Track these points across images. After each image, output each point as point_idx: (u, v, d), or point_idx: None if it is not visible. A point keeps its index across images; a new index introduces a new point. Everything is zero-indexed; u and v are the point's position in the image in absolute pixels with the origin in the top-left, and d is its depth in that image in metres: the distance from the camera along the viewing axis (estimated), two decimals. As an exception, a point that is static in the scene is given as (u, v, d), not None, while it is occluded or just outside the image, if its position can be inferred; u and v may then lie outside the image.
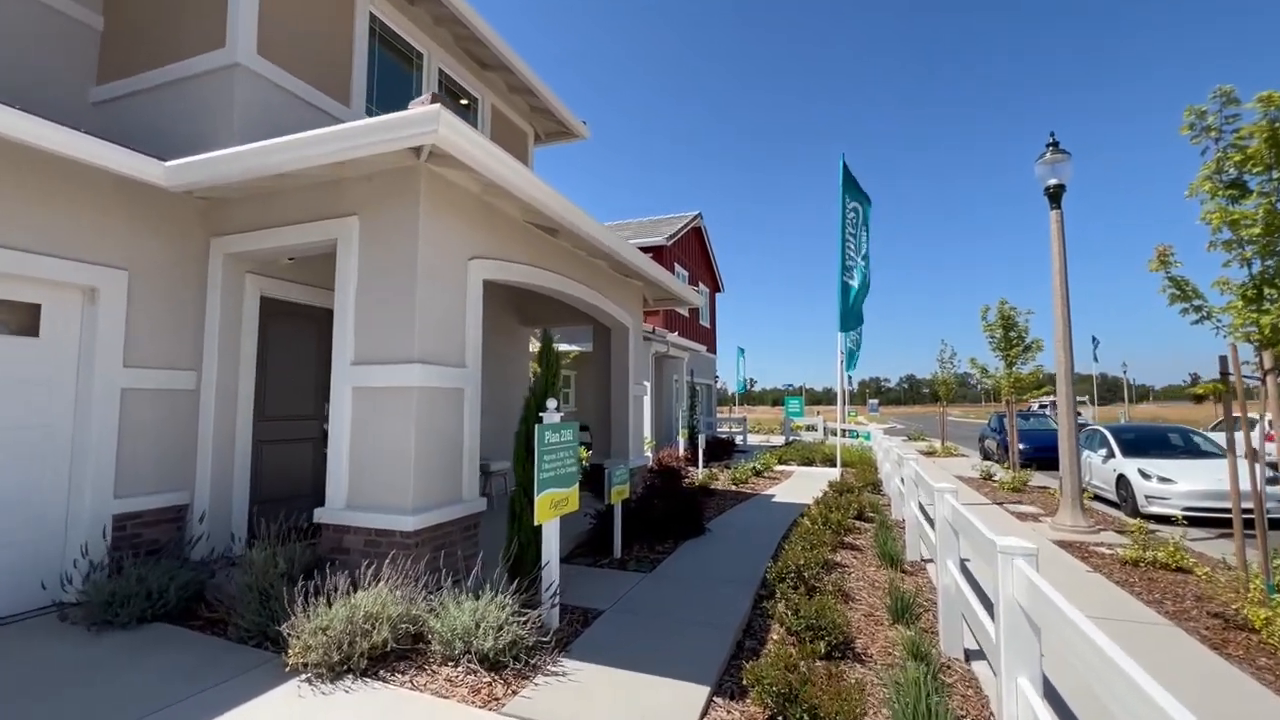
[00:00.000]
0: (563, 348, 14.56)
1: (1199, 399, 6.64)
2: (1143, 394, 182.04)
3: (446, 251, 4.92)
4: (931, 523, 5.36)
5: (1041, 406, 30.58)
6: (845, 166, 11.84)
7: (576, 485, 4.71)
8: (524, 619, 3.85)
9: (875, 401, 65.82)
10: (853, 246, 11.86)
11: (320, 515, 4.61)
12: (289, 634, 3.59)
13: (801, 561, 5.12)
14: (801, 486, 11.99)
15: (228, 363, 5.36)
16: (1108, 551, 7.25)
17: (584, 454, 12.90)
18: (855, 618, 4.76)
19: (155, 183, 4.53)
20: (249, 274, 5.54)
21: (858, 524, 8.24)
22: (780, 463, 15.77)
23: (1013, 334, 13.57)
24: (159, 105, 5.75)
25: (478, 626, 3.74)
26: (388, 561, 4.13)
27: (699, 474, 12.66)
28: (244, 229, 5.26)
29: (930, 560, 6.60)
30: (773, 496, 10.86)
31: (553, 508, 4.35)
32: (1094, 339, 38.86)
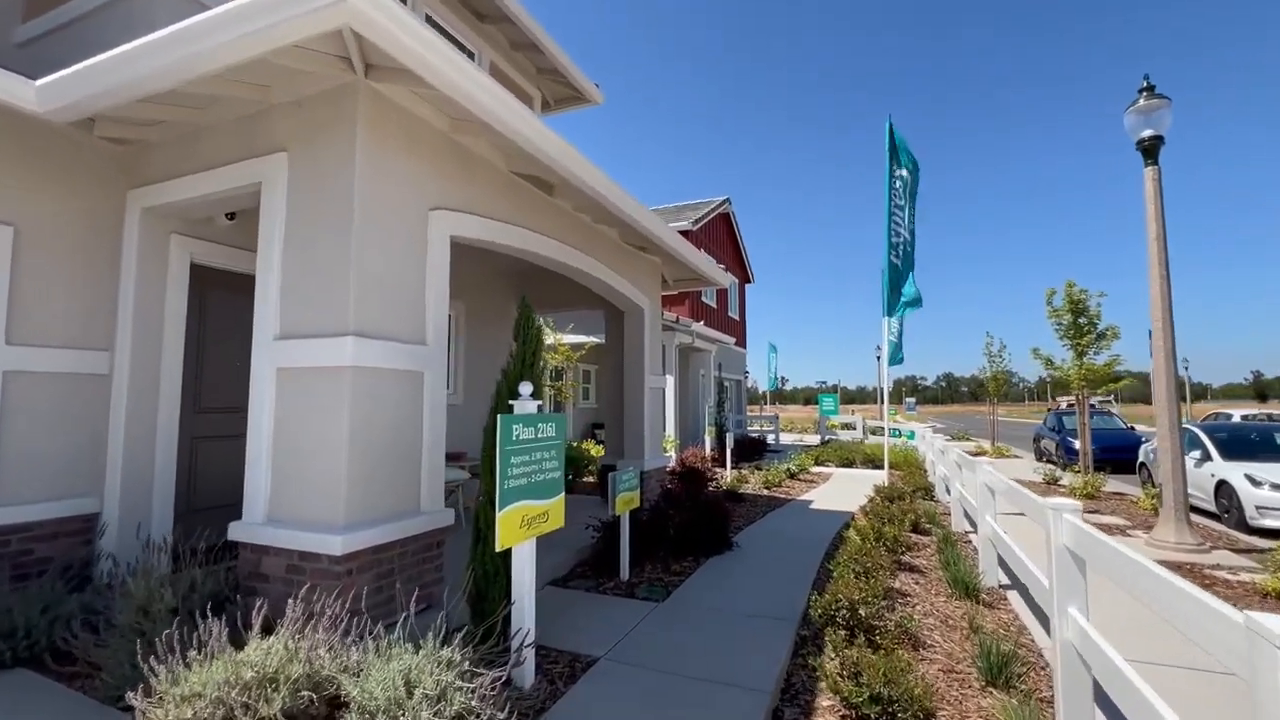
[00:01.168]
0: (577, 339, 13.54)
1: (1262, 396, 5.22)
2: (1199, 393, 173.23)
3: (398, 197, 3.88)
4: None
5: (1103, 402, 28.27)
6: (891, 130, 10.50)
7: (560, 496, 3.64)
8: (478, 681, 2.77)
9: (913, 400, 63.27)
10: (900, 220, 10.50)
11: (235, 531, 3.61)
12: (144, 705, 2.57)
13: (856, 595, 3.94)
14: (843, 491, 10.69)
15: (147, 342, 4.42)
16: (1232, 578, 5.84)
17: (596, 451, 11.85)
18: (931, 674, 3.56)
19: (27, 109, 3.59)
20: (175, 235, 4.59)
21: (914, 538, 6.97)
22: (817, 463, 14.45)
23: (1083, 320, 12.00)
24: (81, 39, 4.85)
25: (410, 693, 2.68)
26: (306, 594, 3.09)
27: (727, 476, 11.48)
28: (163, 178, 4.32)
29: (1010, 587, 5.33)
30: (811, 503, 9.61)
31: (524, 526, 3.27)
32: (1150, 333, 36.16)
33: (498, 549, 3.15)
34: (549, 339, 13.07)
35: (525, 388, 3.47)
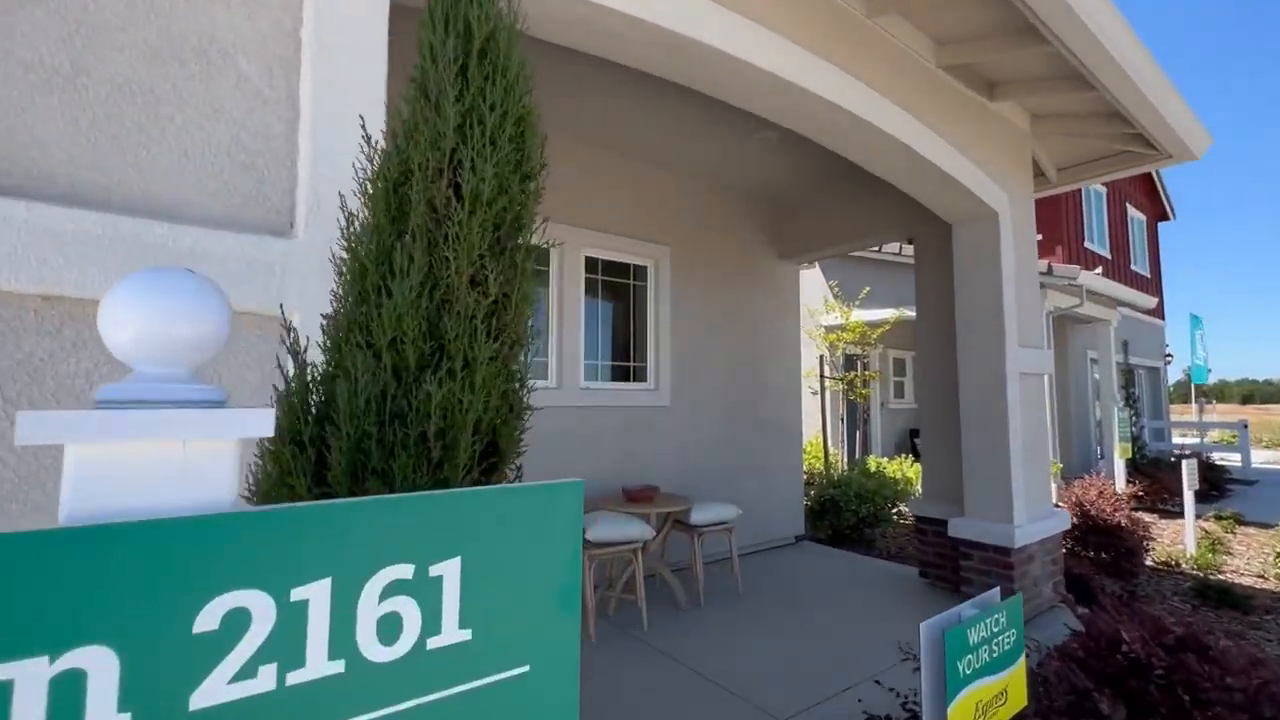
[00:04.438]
0: (875, 314, 9.50)
1: None
2: None
3: None
4: None
5: None
6: None
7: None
8: None
9: None
10: None
11: None
12: None
13: None
14: None
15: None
16: None
17: (913, 473, 7.77)
18: None
19: None
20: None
21: None
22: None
23: None
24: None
25: None
26: None
27: (1187, 544, 6.18)
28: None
29: None
30: None
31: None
32: None
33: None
34: (829, 315, 9.40)
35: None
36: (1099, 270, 10.12)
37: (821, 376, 8.59)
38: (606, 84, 3.69)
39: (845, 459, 9.39)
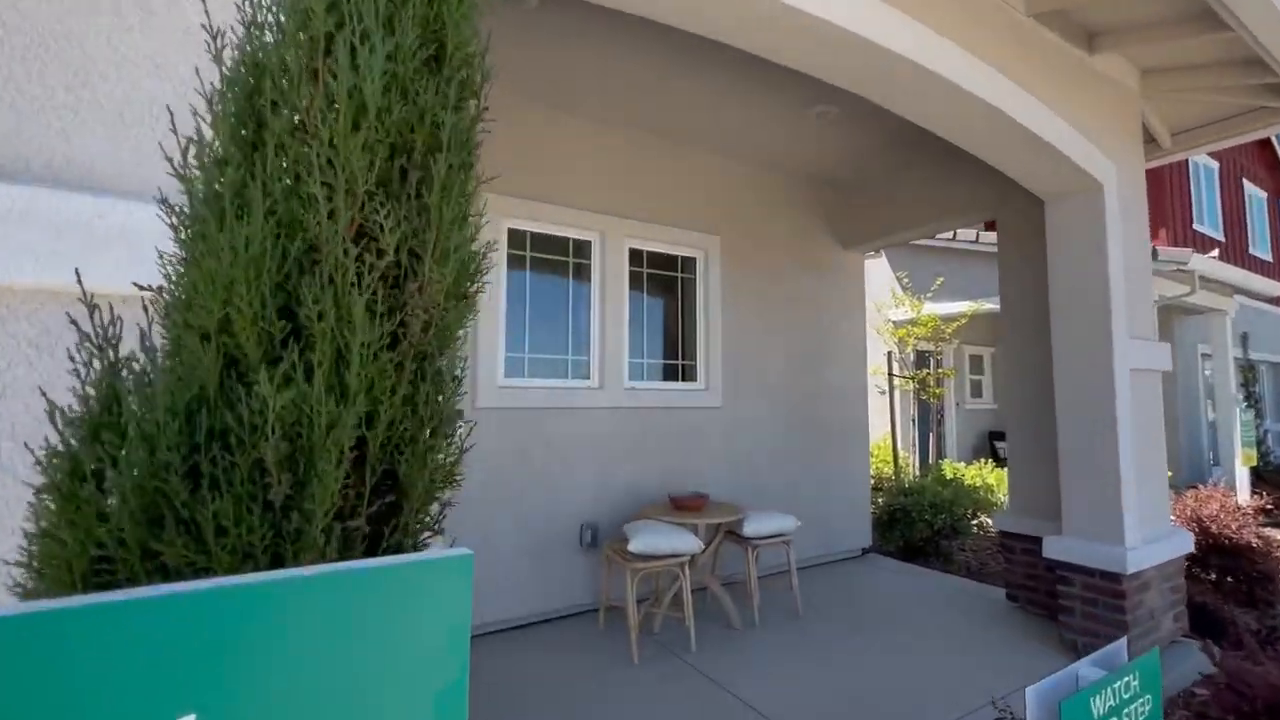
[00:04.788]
0: (950, 307, 8.78)
1: None
2: None
3: None
4: None
5: None
6: None
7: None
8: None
9: None
10: None
11: None
12: None
13: None
14: None
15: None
16: None
17: (995, 480, 7.12)
18: None
19: None
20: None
21: None
22: None
23: None
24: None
25: None
26: None
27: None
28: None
29: None
30: None
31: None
32: None
33: None
34: (898, 309, 8.76)
35: None
36: (1215, 254, 8.97)
37: (890, 374, 7.99)
38: (643, 57, 3.41)
39: (916, 463, 8.72)
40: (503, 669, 3.12)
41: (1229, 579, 4.72)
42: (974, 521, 5.96)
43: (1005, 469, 7.97)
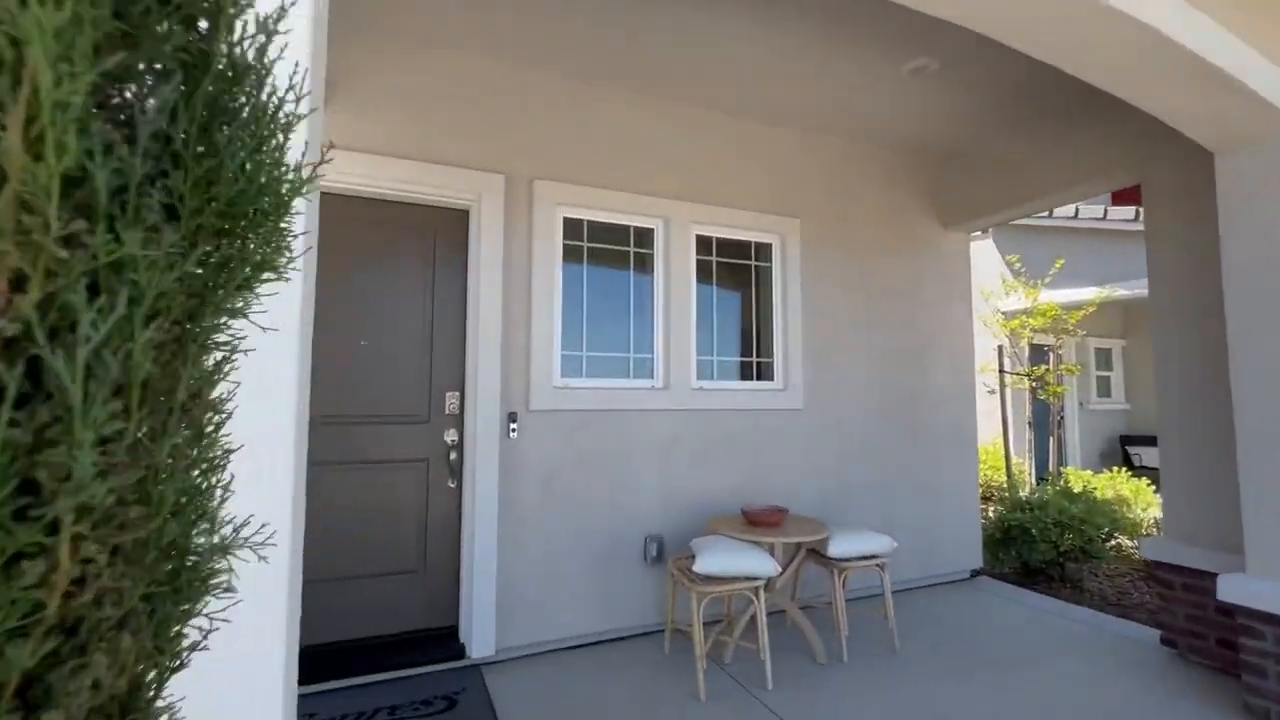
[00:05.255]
0: (1072, 295, 7.70)
1: None
2: None
3: None
4: None
5: None
6: None
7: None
8: None
9: None
10: None
11: None
12: None
13: None
14: None
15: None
16: None
17: (1144, 498, 6.15)
18: None
19: None
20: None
21: None
22: None
23: None
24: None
25: None
26: None
27: None
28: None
29: None
30: None
31: None
32: None
33: None
34: (1009, 296, 7.78)
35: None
36: None
37: (1001, 371, 7.10)
38: (720, 23, 3.03)
39: (1033, 471, 7.72)
40: (554, 695, 2.85)
41: None
42: (1109, 544, 5.09)
43: (1142, 478, 6.85)
